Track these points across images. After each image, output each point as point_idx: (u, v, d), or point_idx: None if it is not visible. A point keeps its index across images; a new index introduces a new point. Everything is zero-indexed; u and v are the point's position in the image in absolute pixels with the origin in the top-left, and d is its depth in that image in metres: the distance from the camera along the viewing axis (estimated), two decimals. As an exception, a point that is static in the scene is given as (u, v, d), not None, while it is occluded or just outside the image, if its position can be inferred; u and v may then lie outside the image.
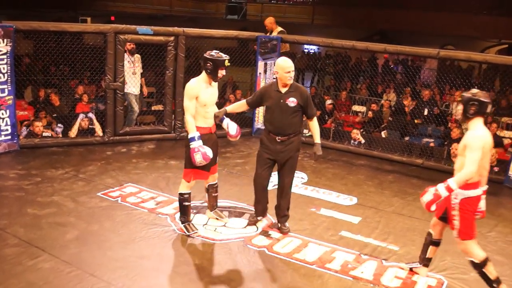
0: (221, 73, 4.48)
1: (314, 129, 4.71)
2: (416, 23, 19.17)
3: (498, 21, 18.16)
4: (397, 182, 6.72)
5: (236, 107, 4.99)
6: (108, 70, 7.29)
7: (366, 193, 6.15)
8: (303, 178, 6.52)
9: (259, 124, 8.47)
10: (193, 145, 4.41)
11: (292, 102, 4.54)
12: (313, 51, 21.29)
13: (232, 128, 4.72)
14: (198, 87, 4.46)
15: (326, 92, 11.87)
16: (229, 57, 4.51)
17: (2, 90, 6.56)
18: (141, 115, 8.22)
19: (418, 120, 9.20)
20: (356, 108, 10.93)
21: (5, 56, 6.50)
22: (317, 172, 6.85)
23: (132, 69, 7.74)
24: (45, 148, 6.98)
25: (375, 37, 18.87)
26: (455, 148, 7.45)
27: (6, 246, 4.21)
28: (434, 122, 8.79)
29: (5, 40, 6.45)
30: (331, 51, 18.29)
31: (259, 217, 4.97)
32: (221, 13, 24.31)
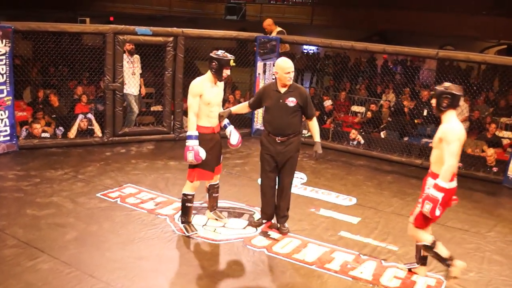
0: (226, 73, 4.52)
1: (314, 129, 4.72)
2: (416, 24, 19.20)
3: (498, 22, 18.18)
4: (396, 183, 6.73)
5: (240, 109, 5.05)
6: (107, 71, 7.29)
7: (365, 194, 6.15)
8: (303, 179, 6.52)
9: (258, 125, 8.47)
10: (188, 143, 4.45)
11: (292, 102, 4.53)
12: (312, 52, 21.29)
13: (234, 138, 4.80)
14: (202, 86, 4.50)
15: (325, 93, 11.85)
16: (234, 57, 4.56)
17: (1, 91, 6.55)
18: (140, 116, 8.22)
19: (418, 120, 9.20)
20: (355, 109, 10.92)
21: (4, 57, 6.49)
22: (317, 173, 6.85)
23: (132, 70, 7.74)
24: (44, 149, 6.98)
25: (374, 38, 18.88)
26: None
27: (5, 247, 4.20)
28: (433, 123, 8.78)
29: (4, 41, 6.45)
30: (330, 52, 18.30)
31: (264, 220, 4.96)
32: (220, 14, 24.36)
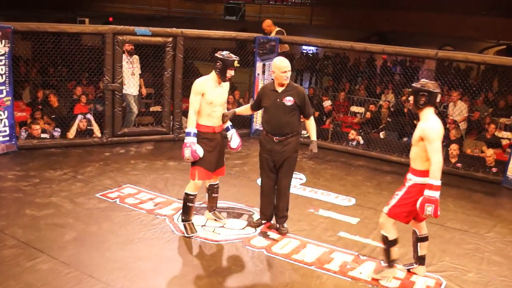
0: (230, 73, 4.54)
1: (311, 128, 4.73)
2: (415, 24, 19.21)
3: (497, 22, 18.20)
4: (396, 183, 6.68)
5: (243, 111, 5.11)
6: (107, 71, 7.29)
7: (365, 194, 6.15)
8: (302, 179, 6.52)
9: (258, 125, 8.46)
10: (186, 140, 4.48)
11: (289, 101, 4.55)
12: (312, 52, 21.30)
13: (234, 142, 4.84)
14: (205, 85, 4.52)
15: (325, 93, 11.86)
16: (239, 58, 4.59)
17: (0, 91, 6.55)
18: (140, 116, 8.22)
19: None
20: (355, 109, 10.93)
21: (3, 57, 6.49)
22: (316, 173, 6.85)
23: (131, 70, 7.73)
24: (44, 149, 6.98)
25: (373, 38, 18.90)
26: (454, 149, 7.46)
27: (4, 247, 4.20)
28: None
29: (3, 41, 6.44)
30: (330, 52, 18.31)
31: (264, 221, 4.96)
32: (219, 14, 24.37)
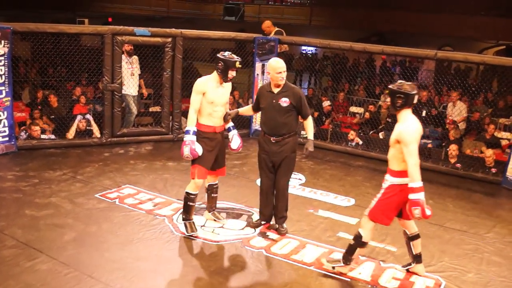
0: (232, 74, 4.55)
1: (308, 127, 4.73)
2: (415, 24, 19.22)
3: (496, 22, 18.21)
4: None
5: (245, 111, 5.13)
6: (106, 72, 7.29)
7: (364, 194, 6.14)
8: (301, 179, 6.53)
9: (257, 125, 8.47)
10: (185, 138, 4.49)
11: (285, 102, 4.56)
12: (311, 52, 21.30)
13: (235, 143, 4.84)
14: (206, 84, 4.54)
15: (324, 93, 11.86)
16: (241, 59, 4.59)
17: (0, 92, 6.55)
18: (139, 117, 8.22)
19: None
20: (354, 109, 10.92)
21: (3, 58, 6.48)
22: (315, 173, 6.85)
23: (130, 71, 7.74)
24: (43, 150, 6.98)
25: (373, 38, 18.91)
26: (453, 149, 7.46)
27: (4, 248, 4.20)
28: (432, 123, 8.79)
29: (3, 42, 6.44)
30: (329, 52, 18.31)
31: (263, 222, 4.96)
32: (219, 14, 24.38)
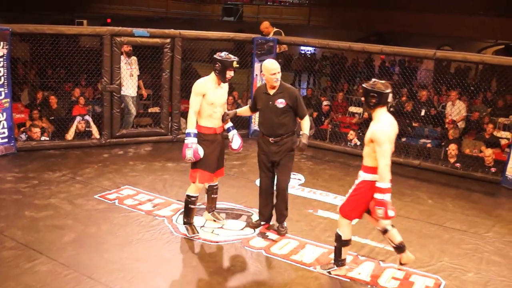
0: (229, 74, 4.55)
1: (304, 124, 4.70)
2: (414, 24, 19.24)
3: (495, 22, 18.23)
4: (394, 183, 6.58)
5: (244, 111, 5.11)
6: (105, 73, 7.28)
7: (363, 194, 6.14)
8: (300, 180, 6.53)
9: (256, 126, 8.47)
10: (187, 141, 4.48)
11: (281, 103, 4.57)
12: (310, 53, 21.30)
13: (235, 143, 4.83)
14: (205, 86, 4.53)
15: (323, 94, 11.86)
16: (238, 59, 4.58)
17: (-1, 93, 6.56)
18: (138, 118, 8.22)
19: (416, 124, 9.17)
20: (353, 109, 10.92)
21: (2, 59, 6.48)
22: (314, 174, 6.86)
23: (129, 71, 7.74)
24: (42, 151, 6.97)
25: (372, 38, 18.90)
26: (452, 149, 7.47)
27: (4, 249, 4.20)
28: (431, 123, 8.79)
29: (1, 43, 6.43)
30: (328, 52, 18.30)
31: (263, 222, 4.96)
32: (217, 15, 24.40)
